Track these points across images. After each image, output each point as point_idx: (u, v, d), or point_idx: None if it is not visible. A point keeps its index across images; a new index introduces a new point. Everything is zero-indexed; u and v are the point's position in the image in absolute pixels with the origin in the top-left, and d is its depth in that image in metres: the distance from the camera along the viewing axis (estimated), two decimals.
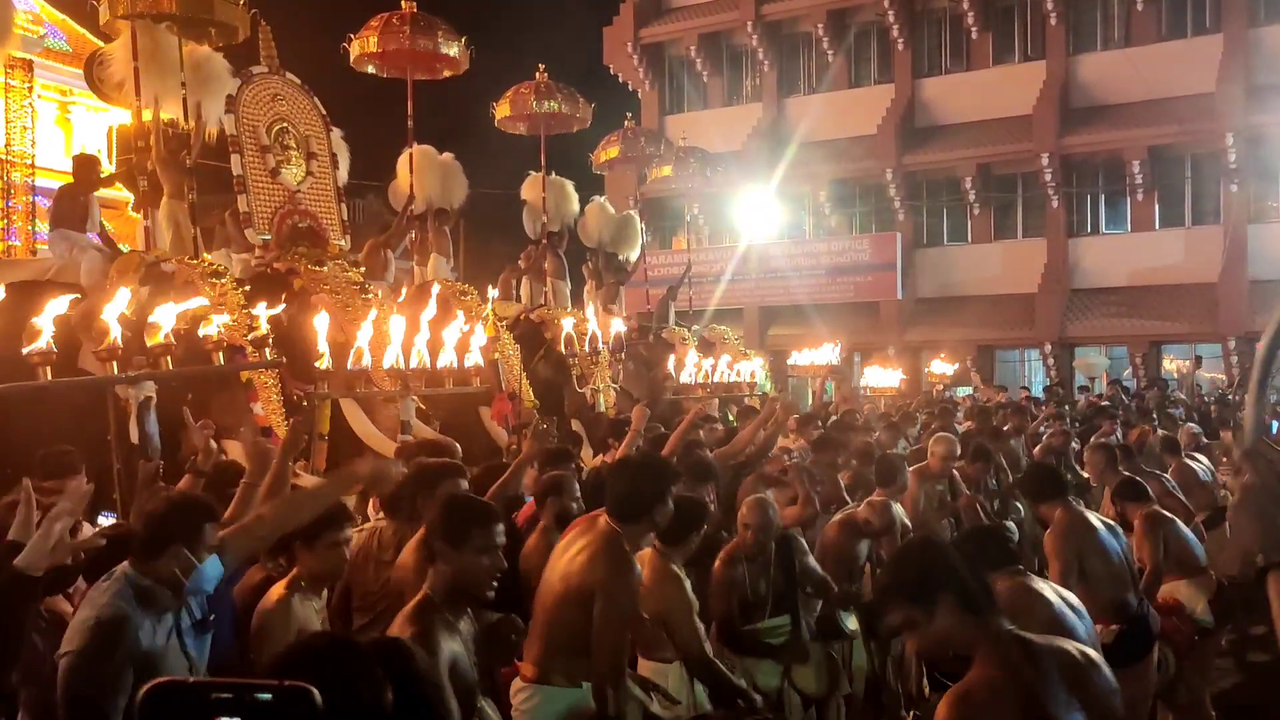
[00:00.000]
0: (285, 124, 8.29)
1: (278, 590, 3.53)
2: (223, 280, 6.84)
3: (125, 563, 3.00)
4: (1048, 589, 3.53)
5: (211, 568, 3.04)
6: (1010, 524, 7.51)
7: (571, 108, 11.85)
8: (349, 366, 4.29)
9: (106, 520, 5.29)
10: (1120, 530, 5.17)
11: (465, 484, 4.25)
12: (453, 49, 9.76)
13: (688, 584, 4.15)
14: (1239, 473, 1.86)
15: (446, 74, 10.28)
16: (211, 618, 3.11)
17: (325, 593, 3.84)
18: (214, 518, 3.14)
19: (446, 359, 4.80)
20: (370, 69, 10.09)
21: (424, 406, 7.36)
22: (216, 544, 3.07)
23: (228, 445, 5.35)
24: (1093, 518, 4.95)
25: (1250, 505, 1.76)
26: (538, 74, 11.88)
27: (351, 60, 9.86)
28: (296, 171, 8.34)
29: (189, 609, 3.01)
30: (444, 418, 7.55)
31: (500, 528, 3.10)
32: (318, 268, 7.60)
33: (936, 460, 7.00)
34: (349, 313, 7.11)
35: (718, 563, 4.78)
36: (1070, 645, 2.53)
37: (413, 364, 4.63)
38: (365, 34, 9.66)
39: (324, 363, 4.29)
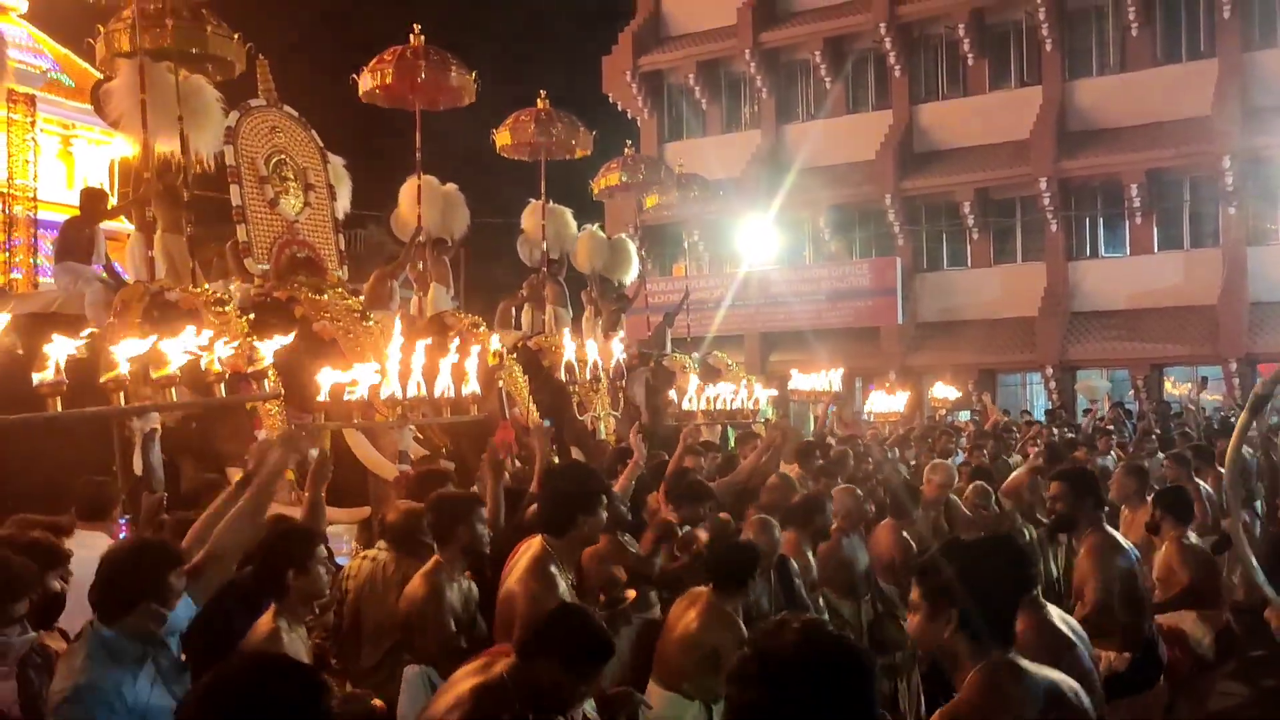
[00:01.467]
0: (283, 155, 8.35)
1: (266, 622, 3.43)
2: (226, 309, 6.85)
3: (92, 621, 2.94)
4: (1061, 622, 3.46)
5: (183, 610, 3.01)
6: None
7: (572, 135, 11.91)
8: (345, 397, 4.29)
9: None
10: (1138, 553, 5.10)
11: (485, 513, 4.24)
12: (464, 82, 9.90)
13: (742, 629, 4.07)
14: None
15: (451, 106, 10.38)
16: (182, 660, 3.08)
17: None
18: (177, 564, 3.06)
19: (442, 387, 4.80)
20: (378, 101, 10.17)
21: (432, 436, 7.35)
22: (184, 588, 3.03)
23: (231, 473, 5.34)
24: (1121, 540, 4.83)
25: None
26: (539, 101, 11.95)
27: (360, 93, 9.94)
28: (295, 202, 8.39)
29: (165, 653, 2.98)
30: (452, 446, 7.54)
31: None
32: (318, 296, 7.62)
33: (933, 488, 6.97)
34: (350, 340, 7.13)
35: None
36: (1063, 681, 2.51)
37: (410, 393, 4.63)
38: (378, 67, 9.74)
39: (322, 395, 4.29)
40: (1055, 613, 3.46)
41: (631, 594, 4.55)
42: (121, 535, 4.87)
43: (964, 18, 23.75)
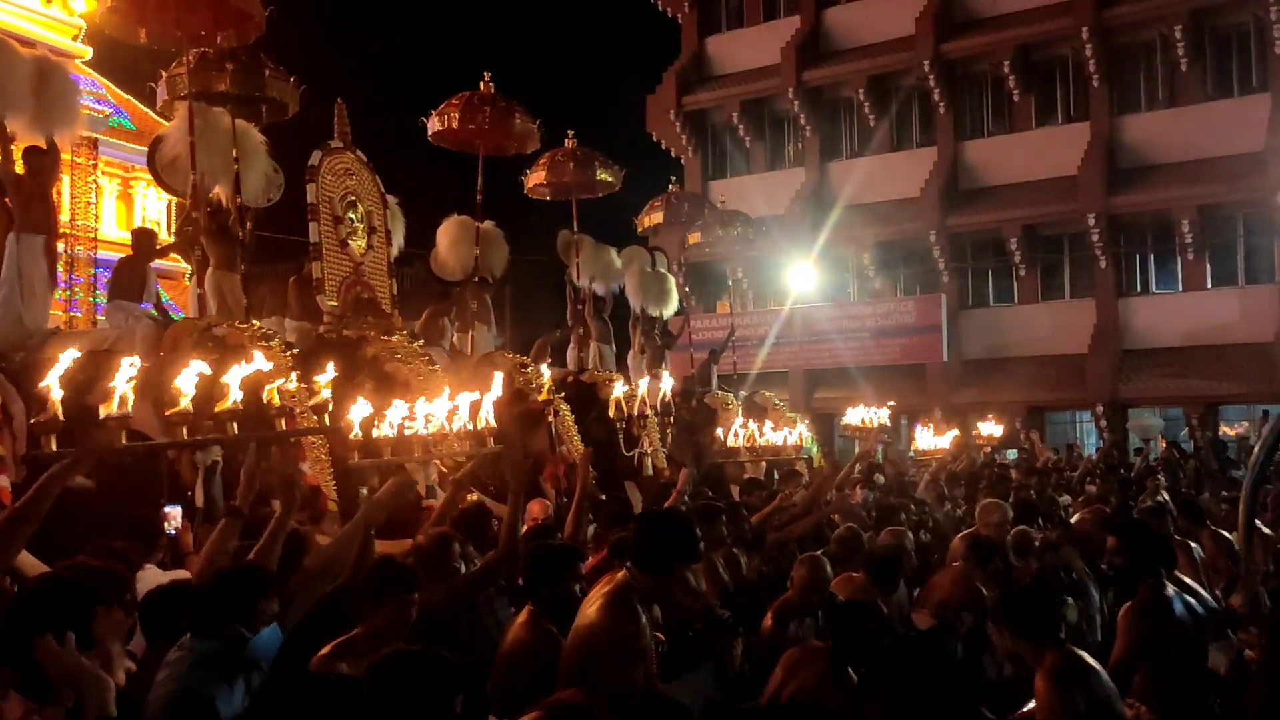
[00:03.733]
0: (354, 198, 8.57)
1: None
2: (272, 344, 6.97)
3: (190, 634, 3.04)
4: (1093, 660, 3.44)
5: (269, 636, 3.06)
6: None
7: (598, 171, 12.02)
8: (374, 434, 4.39)
9: (173, 508, 5.40)
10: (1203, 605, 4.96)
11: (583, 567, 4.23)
12: (527, 129, 10.17)
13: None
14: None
15: (516, 152, 10.64)
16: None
17: None
18: (267, 592, 3.16)
19: (461, 422, 4.87)
20: (445, 144, 10.45)
21: (479, 473, 7.41)
22: (275, 614, 3.10)
23: (275, 506, 5.42)
24: (1174, 598, 4.68)
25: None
26: (567, 140, 12.10)
27: (429, 134, 10.20)
28: (361, 243, 8.59)
29: (260, 671, 3.04)
30: (499, 483, 7.58)
31: None
32: (387, 337, 7.77)
33: (990, 529, 6.85)
34: (420, 382, 7.25)
35: (768, 620, 4.75)
36: None
37: (431, 429, 4.71)
38: (445, 110, 10.01)
39: (377, 431, 4.38)
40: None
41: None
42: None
43: (1009, 54, 23.69)
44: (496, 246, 11.46)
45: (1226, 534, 7.19)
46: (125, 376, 3.07)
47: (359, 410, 4.39)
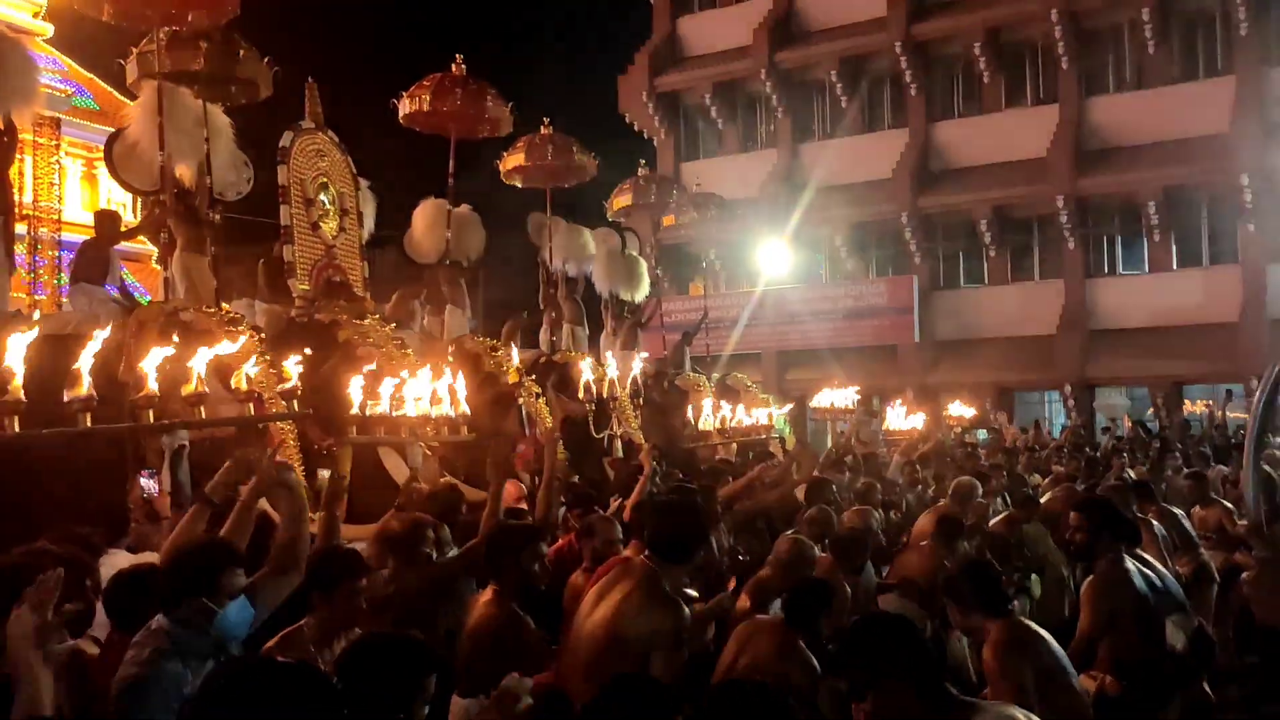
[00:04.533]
0: (326, 179, 8.47)
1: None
2: (240, 328, 6.90)
3: (161, 614, 3.03)
4: (1042, 630, 3.53)
5: (237, 613, 3.05)
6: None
7: (574, 160, 11.97)
8: (365, 413, 4.37)
9: (149, 481, 5.37)
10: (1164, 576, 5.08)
11: (544, 546, 4.25)
12: (500, 113, 10.08)
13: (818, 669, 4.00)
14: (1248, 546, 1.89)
15: (489, 135, 10.57)
16: None
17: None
18: (232, 563, 3.14)
19: (439, 408, 4.87)
20: (417, 127, 10.35)
21: (451, 459, 7.41)
22: (241, 588, 3.09)
23: (241, 490, 5.39)
24: (1134, 570, 4.81)
25: (1267, 579, 1.79)
26: (543, 127, 12.05)
27: (401, 117, 10.12)
28: (332, 226, 8.50)
29: (228, 655, 3.03)
30: (467, 467, 7.58)
31: None
32: (360, 321, 7.71)
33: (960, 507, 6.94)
34: (392, 367, 7.21)
35: (744, 599, 4.78)
36: (1022, 716, 2.53)
37: (413, 411, 4.70)
38: (417, 93, 9.93)
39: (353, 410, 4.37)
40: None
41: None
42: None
43: (980, 36, 23.79)
44: (472, 230, 11.40)
45: (1176, 510, 7.47)
46: (89, 359, 3.04)
47: (354, 389, 4.39)
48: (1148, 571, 4.98)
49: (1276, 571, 1.56)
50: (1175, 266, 22.57)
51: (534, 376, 9.17)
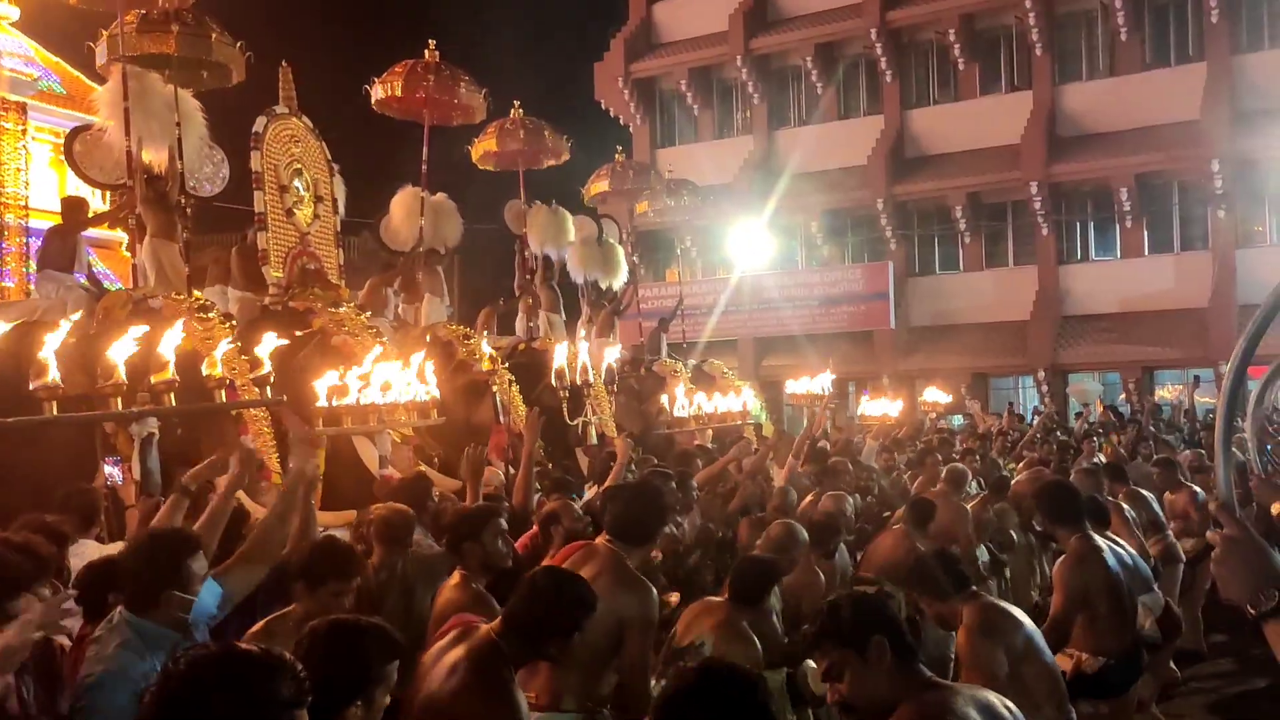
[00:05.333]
0: (299, 166, 8.37)
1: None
2: (210, 315, 6.82)
3: (121, 607, 2.99)
4: (1016, 609, 3.58)
5: (208, 594, 3.03)
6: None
7: (546, 143, 11.91)
8: (333, 402, 4.35)
9: (114, 469, 5.33)
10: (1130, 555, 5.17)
11: (504, 522, 4.26)
12: (473, 99, 10.00)
13: (758, 646, 3.99)
14: (1215, 523, 1.90)
15: (463, 122, 10.49)
16: None
17: None
18: (195, 550, 3.11)
19: (409, 394, 4.85)
20: (391, 112, 10.26)
21: (425, 445, 7.38)
22: (210, 572, 3.07)
23: (217, 481, 5.36)
24: (1104, 547, 4.87)
25: (1233, 558, 1.80)
26: (513, 110, 11.99)
27: (374, 103, 10.02)
28: (307, 212, 8.41)
29: (194, 642, 3.00)
30: (445, 454, 7.55)
31: None
32: (335, 309, 7.65)
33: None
34: (366, 355, 7.17)
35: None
36: (995, 699, 2.55)
37: (380, 399, 4.69)
38: (389, 79, 9.84)
39: (321, 400, 4.34)
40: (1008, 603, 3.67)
41: (674, 598, 4.55)
42: None
43: (954, 23, 23.85)
44: (449, 218, 11.35)
45: (1145, 493, 7.62)
46: (53, 347, 3.00)
47: (323, 380, 4.37)
48: (1119, 550, 5.06)
49: (1241, 550, 1.59)
50: (1147, 252, 22.77)
51: (507, 364, 9.14)
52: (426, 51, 10.00)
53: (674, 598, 4.54)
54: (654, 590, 3.70)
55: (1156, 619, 5.59)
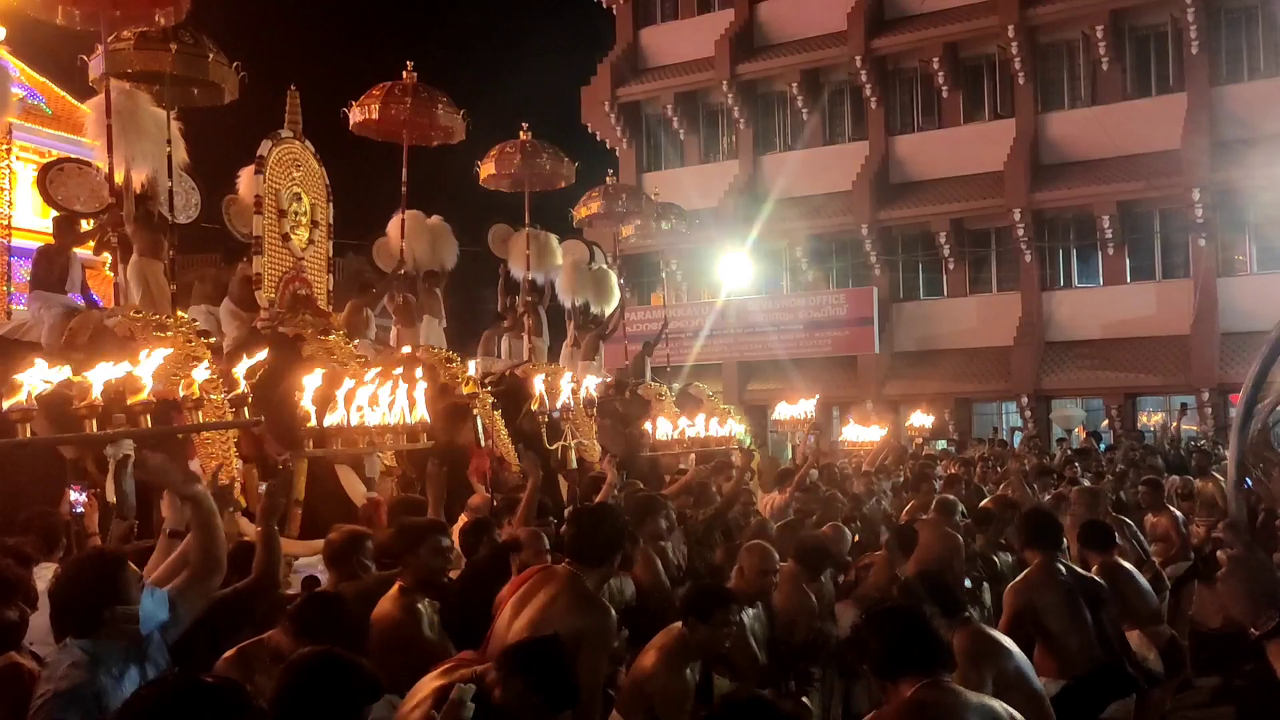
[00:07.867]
0: (300, 190, 8.33)
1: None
2: (167, 334, 6.68)
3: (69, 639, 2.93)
4: (1005, 636, 3.61)
5: (152, 604, 2.99)
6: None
7: (556, 166, 11.99)
8: (319, 425, 4.33)
9: (79, 495, 5.26)
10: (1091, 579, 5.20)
11: (446, 541, 4.25)
12: (452, 120, 10.01)
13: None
14: (1225, 542, 1.91)
15: (442, 142, 10.50)
16: (175, 670, 3.04)
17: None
18: (121, 563, 3.06)
19: (394, 416, 4.85)
20: (370, 134, 10.26)
21: (405, 469, 7.33)
22: (140, 580, 3.03)
23: (162, 505, 5.30)
24: (1063, 571, 4.98)
25: (1238, 577, 1.82)
26: (521, 133, 12.03)
27: (352, 125, 10.02)
28: (303, 237, 8.37)
29: (154, 662, 2.96)
30: (420, 475, 7.50)
31: None
32: (324, 337, 7.60)
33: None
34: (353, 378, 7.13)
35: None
36: (999, 706, 2.57)
37: (370, 421, 4.67)
38: (367, 101, 9.84)
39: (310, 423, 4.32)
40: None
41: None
42: None
43: (938, 52, 24.10)
44: (446, 240, 11.37)
45: (1128, 521, 7.66)
46: (34, 371, 2.97)
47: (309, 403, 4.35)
48: (1078, 570, 5.15)
49: (1246, 570, 1.62)
50: (1129, 280, 22.94)
51: (491, 389, 9.12)
52: (404, 73, 10.02)
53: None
54: (611, 611, 3.73)
55: (1161, 651, 5.60)
